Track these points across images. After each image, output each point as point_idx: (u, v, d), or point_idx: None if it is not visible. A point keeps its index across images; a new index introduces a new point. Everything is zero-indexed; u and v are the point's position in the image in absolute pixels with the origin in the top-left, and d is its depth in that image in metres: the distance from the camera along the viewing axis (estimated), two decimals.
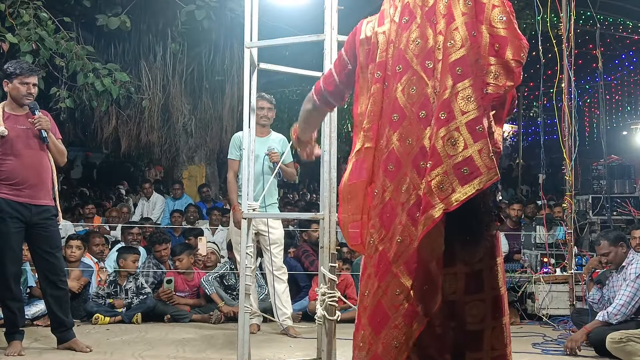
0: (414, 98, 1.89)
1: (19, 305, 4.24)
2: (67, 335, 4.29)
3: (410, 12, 1.94)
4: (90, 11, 7.68)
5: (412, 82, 1.89)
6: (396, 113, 1.91)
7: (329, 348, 3.08)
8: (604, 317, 4.54)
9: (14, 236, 4.08)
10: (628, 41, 12.75)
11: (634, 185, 7.74)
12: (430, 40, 1.89)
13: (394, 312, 1.84)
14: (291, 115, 11.42)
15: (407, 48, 1.92)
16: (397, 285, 1.84)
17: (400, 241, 1.84)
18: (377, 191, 1.94)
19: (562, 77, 5.87)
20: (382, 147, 1.95)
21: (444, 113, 1.79)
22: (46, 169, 4.22)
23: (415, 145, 1.86)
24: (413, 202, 1.84)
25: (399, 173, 1.88)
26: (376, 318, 1.88)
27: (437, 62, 1.86)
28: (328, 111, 2.38)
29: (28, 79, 4.15)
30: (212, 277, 5.90)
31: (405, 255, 1.84)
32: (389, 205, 1.90)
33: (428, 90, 1.87)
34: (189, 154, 9.68)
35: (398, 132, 1.90)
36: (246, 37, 3.56)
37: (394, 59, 1.96)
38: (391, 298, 1.85)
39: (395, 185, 1.89)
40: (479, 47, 1.82)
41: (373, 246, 1.92)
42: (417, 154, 1.86)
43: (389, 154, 1.91)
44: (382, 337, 1.86)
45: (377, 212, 1.92)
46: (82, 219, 7.90)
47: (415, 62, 1.90)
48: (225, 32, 8.56)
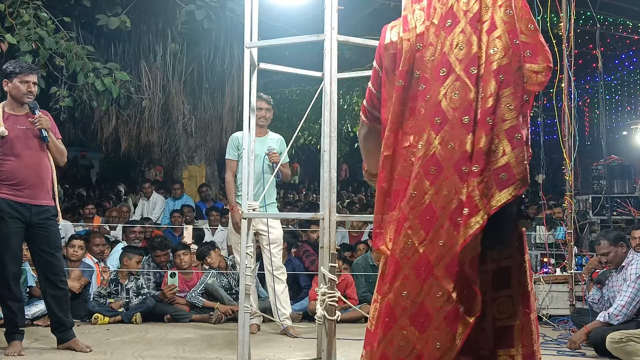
0: (456, 103, 1.92)
1: (19, 305, 4.23)
2: (67, 335, 4.29)
3: (454, 15, 1.97)
4: (90, 11, 7.68)
5: (455, 87, 1.93)
6: (438, 116, 1.93)
7: (329, 348, 3.09)
8: (604, 317, 4.54)
9: (13, 236, 4.08)
10: (628, 41, 12.77)
11: (634, 185, 7.75)
12: (474, 46, 1.93)
13: (436, 313, 1.89)
14: (291, 115, 11.42)
15: (450, 52, 1.95)
16: (439, 287, 1.88)
17: (442, 244, 1.88)
18: (414, 193, 1.94)
19: (562, 77, 5.87)
20: (419, 149, 1.95)
21: (490, 119, 1.88)
22: (46, 169, 4.22)
23: (458, 149, 1.90)
24: (455, 206, 1.88)
25: (440, 176, 1.91)
26: (420, 318, 1.91)
27: (480, 68, 1.92)
28: (379, 129, 2.25)
29: (28, 78, 4.14)
30: (196, 292, 5.89)
31: (446, 259, 1.88)
32: (429, 208, 1.92)
33: (471, 95, 1.91)
34: (189, 154, 9.68)
35: (440, 136, 1.93)
36: (246, 37, 3.56)
37: (436, 62, 1.97)
38: (433, 300, 1.89)
39: (435, 189, 1.91)
40: (520, 55, 1.91)
41: (412, 248, 1.93)
42: (460, 159, 1.89)
43: (431, 157, 1.93)
44: (425, 337, 1.90)
45: (417, 214, 1.94)
46: (82, 219, 7.90)
47: (458, 67, 1.93)
48: (225, 32, 8.57)
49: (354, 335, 4.88)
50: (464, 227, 1.84)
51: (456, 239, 1.86)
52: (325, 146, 3.23)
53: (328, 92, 3.24)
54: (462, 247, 1.84)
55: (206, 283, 5.89)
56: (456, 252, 1.86)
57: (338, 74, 3.30)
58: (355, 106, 11.01)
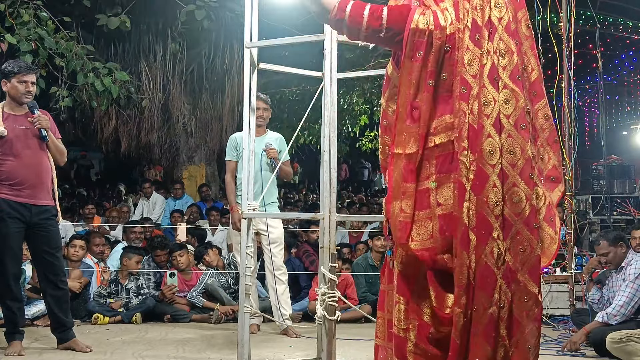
0: (509, 110, 1.98)
1: (19, 305, 4.23)
2: (67, 335, 4.29)
3: (491, 23, 2.01)
4: (90, 11, 7.67)
5: (505, 95, 1.98)
6: (495, 123, 1.97)
7: (329, 348, 3.08)
8: (603, 318, 4.55)
9: (13, 236, 4.08)
10: (628, 41, 12.75)
11: (634, 185, 7.76)
12: (515, 55, 2.01)
13: (524, 318, 1.96)
14: (291, 115, 11.41)
15: (496, 59, 1.99)
16: (525, 292, 1.96)
17: (522, 251, 1.96)
18: (493, 200, 2.00)
19: (562, 77, 5.87)
20: (486, 155, 1.96)
21: (534, 130, 2.04)
22: (46, 169, 4.22)
23: (521, 156, 1.97)
24: (529, 212, 1.96)
25: (506, 184, 1.97)
26: (510, 326, 1.98)
27: (524, 79, 2.03)
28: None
29: (26, 77, 4.14)
30: (196, 292, 5.89)
31: (529, 264, 1.96)
32: (502, 216, 1.97)
33: (522, 103, 1.98)
34: (189, 154, 9.68)
35: (500, 143, 1.99)
36: (246, 37, 3.56)
37: (484, 68, 1.98)
38: (519, 305, 1.96)
39: (504, 196, 1.98)
40: (540, 68, 2.08)
41: (500, 256, 1.97)
42: (525, 166, 1.97)
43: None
44: (514, 342, 1.96)
45: (500, 222, 1.99)
46: (82, 219, 7.90)
47: (505, 75, 1.99)
48: (225, 32, 8.56)
49: (354, 335, 4.88)
50: (554, 233, 2.00)
51: (535, 243, 1.96)
52: (325, 146, 3.23)
53: (328, 92, 3.24)
54: (557, 252, 2.01)
55: (205, 283, 5.90)
56: (538, 256, 1.96)
57: (338, 74, 3.30)
58: (355, 106, 11.00)
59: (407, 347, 2.03)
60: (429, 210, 2.00)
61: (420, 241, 2.00)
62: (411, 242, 2.00)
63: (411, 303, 2.05)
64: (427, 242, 2.00)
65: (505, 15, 2.00)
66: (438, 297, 1.99)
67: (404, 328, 2.03)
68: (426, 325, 2.03)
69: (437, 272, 2.01)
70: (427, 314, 2.02)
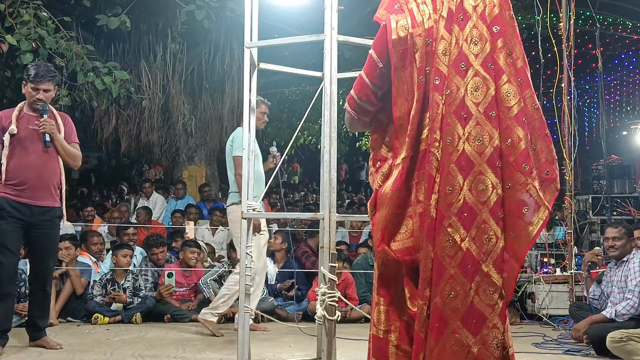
0: (478, 98, 1.93)
1: (10, 303, 4.25)
2: (39, 334, 4.35)
3: (464, 10, 1.97)
4: (90, 11, 7.67)
5: (475, 82, 1.94)
6: (464, 111, 1.93)
7: (329, 348, 3.08)
8: (611, 314, 4.56)
9: (10, 234, 4.09)
10: (628, 41, 12.77)
11: (634, 185, 7.76)
12: (488, 43, 1.95)
13: (489, 312, 1.87)
14: (290, 115, 11.41)
15: (466, 46, 1.95)
16: (489, 284, 1.88)
17: (487, 240, 1.89)
18: (450, 189, 1.92)
19: (562, 77, 5.87)
20: (447, 145, 1.93)
21: (525, 119, 1.94)
22: (50, 171, 4.21)
23: (488, 145, 1.91)
24: (495, 202, 1.89)
25: (472, 172, 1.91)
26: (472, 319, 1.88)
27: (497, 66, 1.96)
28: (367, 121, 2.19)
29: (40, 85, 4.20)
30: (210, 279, 5.90)
31: (493, 254, 1.89)
32: (466, 205, 1.90)
33: (492, 91, 1.93)
34: (189, 154, 9.67)
35: (466, 130, 1.93)
36: (246, 37, 3.56)
37: (453, 56, 1.96)
38: (484, 298, 1.88)
39: (469, 185, 1.91)
40: (524, 57, 2.00)
41: (454, 246, 1.89)
42: (492, 154, 1.91)
43: (461, 154, 1.92)
44: (480, 338, 1.87)
45: (455, 211, 1.91)
46: (82, 221, 7.87)
47: (476, 62, 1.94)
48: (225, 32, 8.56)
49: (354, 335, 4.88)
50: (528, 225, 1.90)
51: (500, 233, 1.89)
52: (325, 146, 3.23)
53: (328, 92, 3.24)
54: (532, 243, 1.91)
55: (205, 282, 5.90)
56: (502, 246, 1.89)
57: (338, 74, 3.30)
58: None
59: (389, 349, 2.01)
60: (410, 209, 2.00)
61: (402, 240, 2.00)
62: (392, 243, 1.99)
63: (392, 304, 2.03)
64: (407, 240, 1.99)
65: (480, 3, 1.97)
66: (412, 297, 1.98)
67: (385, 329, 2.02)
68: (407, 326, 2.01)
69: (413, 271, 1.99)
70: (407, 315, 2.00)
